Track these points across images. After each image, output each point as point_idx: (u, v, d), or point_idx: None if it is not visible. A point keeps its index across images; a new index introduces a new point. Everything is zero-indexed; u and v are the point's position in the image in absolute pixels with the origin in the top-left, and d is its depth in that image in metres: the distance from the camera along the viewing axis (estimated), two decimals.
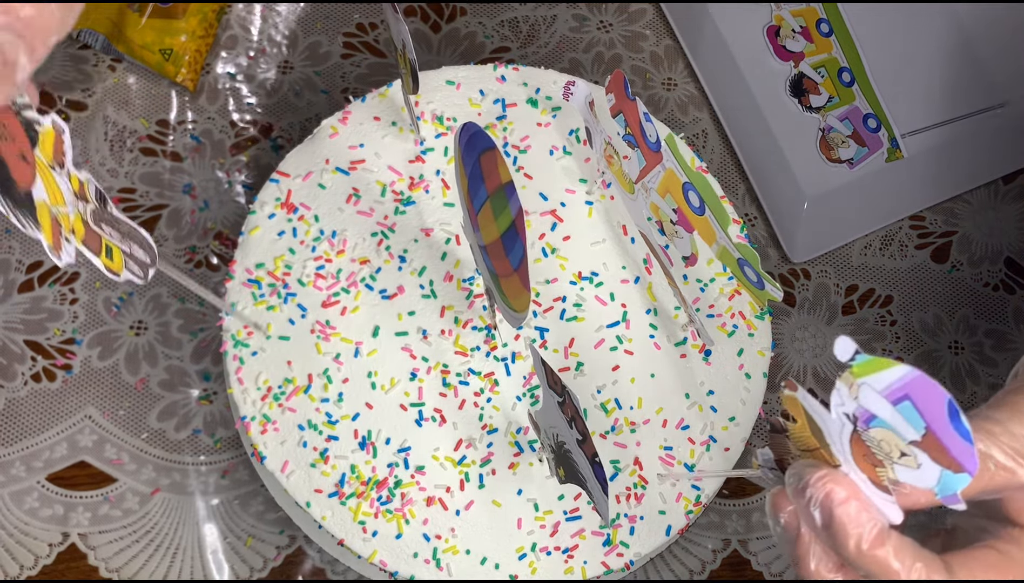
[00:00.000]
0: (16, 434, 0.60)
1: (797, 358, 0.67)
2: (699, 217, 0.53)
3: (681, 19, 0.72)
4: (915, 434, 0.34)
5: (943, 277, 0.69)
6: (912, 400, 0.33)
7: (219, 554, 0.60)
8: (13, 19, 0.36)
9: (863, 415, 0.35)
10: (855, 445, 0.36)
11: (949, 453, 0.34)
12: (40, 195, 0.40)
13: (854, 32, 0.70)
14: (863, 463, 0.36)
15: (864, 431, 0.35)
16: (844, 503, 0.37)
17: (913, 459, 0.35)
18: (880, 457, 0.36)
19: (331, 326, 0.55)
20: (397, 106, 0.60)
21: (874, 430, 0.35)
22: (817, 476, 0.37)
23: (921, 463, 0.35)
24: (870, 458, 0.36)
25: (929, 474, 0.35)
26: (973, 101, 0.70)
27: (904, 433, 0.34)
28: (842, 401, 0.35)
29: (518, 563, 0.53)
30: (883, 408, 0.34)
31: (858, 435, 0.36)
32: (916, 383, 0.33)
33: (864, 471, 0.37)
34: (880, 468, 0.36)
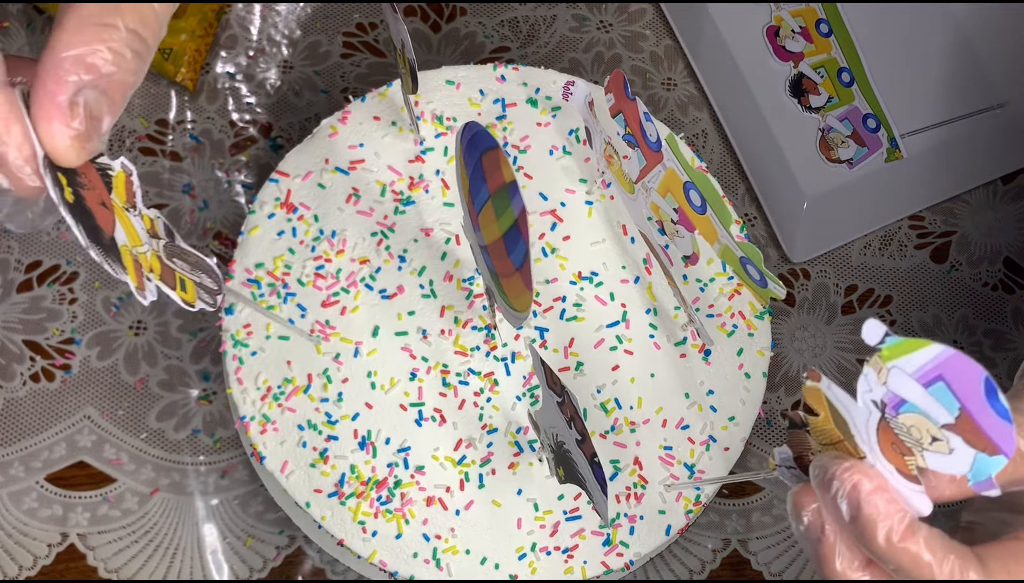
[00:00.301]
0: (15, 434, 0.60)
1: (797, 358, 0.67)
2: (701, 216, 0.53)
3: (681, 19, 0.72)
4: (948, 417, 0.33)
5: (942, 277, 0.69)
6: (946, 380, 0.32)
7: (219, 554, 0.59)
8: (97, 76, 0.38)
9: (892, 401, 0.34)
10: (882, 434, 0.35)
11: (985, 434, 0.32)
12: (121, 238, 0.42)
13: (853, 32, 0.70)
14: (890, 453, 0.35)
15: (893, 418, 0.34)
16: (872, 494, 0.36)
17: (945, 444, 0.33)
18: (909, 444, 0.34)
19: (331, 326, 0.55)
20: (397, 106, 0.60)
21: (904, 416, 0.34)
22: (843, 467, 0.36)
23: (954, 448, 0.33)
24: (898, 447, 0.35)
25: (962, 459, 0.33)
26: (972, 101, 0.70)
27: (937, 416, 0.33)
28: (869, 387, 0.34)
29: (518, 563, 0.53)
30: (914, 391, 0.33)
31: (886, 423, 0.35)
32: (951, 362, 0.32)
33: (892, 461, 0.36)
34: (909, 457, 0.35)
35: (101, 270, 0.63)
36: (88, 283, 0.63)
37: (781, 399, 0.66)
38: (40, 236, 0.63)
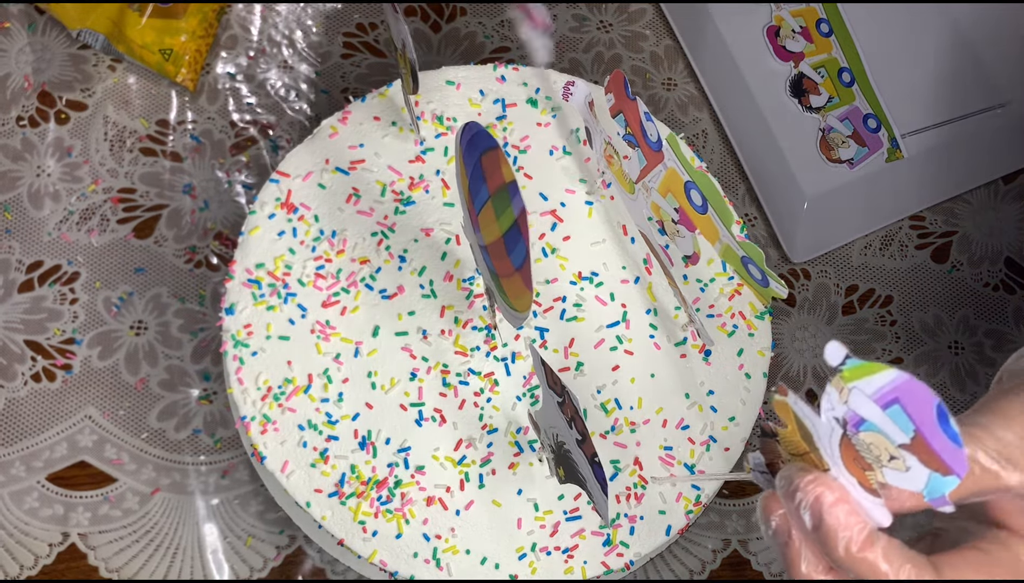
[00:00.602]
0: (16, 434, 0.60)
1: (797, 358, 0.67)
2: (702, 216, 0.53)
3: (681, 19, 0.72)
4: (904, 437, 0.34)
5: (943, 277, 0.69)
6: (902, 403, 0.34)
7: (219, 554, 0.60)
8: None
9: (853, 419, 0.35)
10: (844, 449, 0.37)
11: (938, 456, 0.34)
12: None
13: (854, 32, 0.70)
14: (852, 466, 0.37)
15: (854, 435, 0.36)
16: (833, 506, 0.37)
17: (902, 462, 0.35)
18: (869, 460, 0.36)
19: (331, 326, 0.55)
20: (397, 106, 0.60)
21: (863, 434, 0.35)
22: (807, 480, 0.38)
23: (910, 466, 0.35)
24: (859, 462, 0.37)
25: (918, 477, 0.35)
26: (973, 101, 0.70)
27: (894, 436, 0.35)
28: (832, 405, 0.36)
29: (518, 563, 0.53)
30: (873, 412, 0.34)
31: (848, 439, 0.36)
32: (906, 386, 0.33)
33: (853, 474, 0.37)
34: (869, 472, 0.37)
35: (101, 270, 0.63)
36: (89, 283, 0.63)
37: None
38: (41, 236, 0.64)
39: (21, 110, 0.66)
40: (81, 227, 0.64)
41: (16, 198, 0.64)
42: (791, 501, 0.38)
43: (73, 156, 0.65)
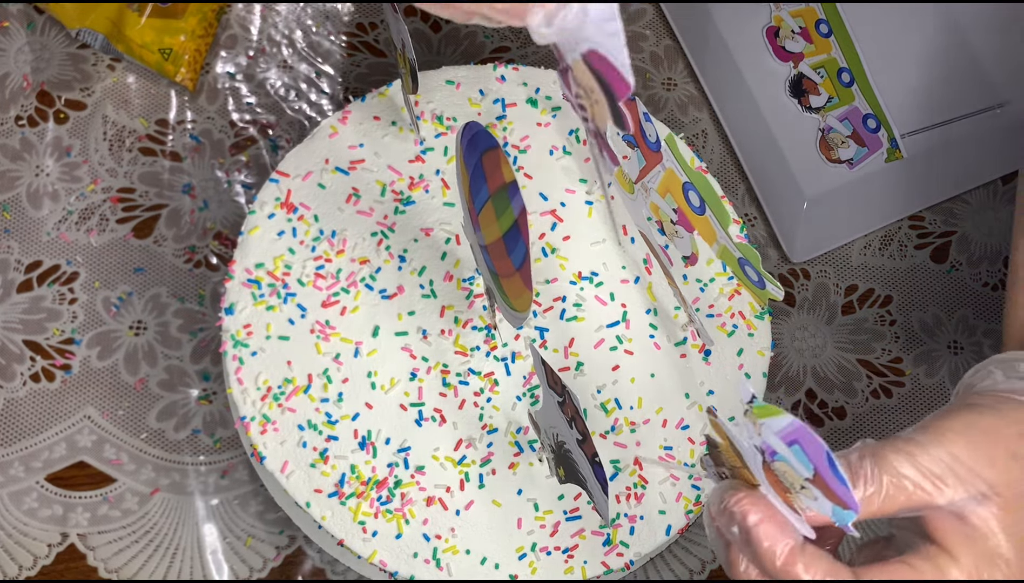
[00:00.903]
0: (15, 434, 0.60)
1: (797, 358, 0.67)
2: (699, 217, 0.53)
3: (681, 19, 0.72)
4: (807, 473, 0.38)
5: (942, 277, 0.69)
6: (801, 445, 0.37)
7: (219, 554, 0.59)
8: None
9: (768, 449, 0.38)
10: (767, 472, 0.40)
11: (835, 494, 0.37)
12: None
13: (853, 33, 0.70)
14: (776, 487, 0.40)
15: (771, 462, 0.39)
16: (759, 524, 0.40)
17: (811, 492, 0.38)
18: (786, 485, 0.39)
19: (331, 326, 0.55)
20: (397, 106, 0.60)
21: (778, 463, 0.38)
22: (735, 498, 0.41)
23: (817, 497, 0.38)
24: (780, 485, 0.39)
25: (825, 506, 0.38)
26: (972, 101, 0.70)
27: (799, 471, 0.38)
28: (750, 435, 0.39)
29: (518, 563, 0.53)
30: (781, 447, 0.38)
31: (767, 465, 0.39)
32: (800, 432, 0.37)
33: (778, 493, 0.40)
34: (789, 494, 0.40)
35: (101, 270, 0.63)
36: (88, 283, 0.63)
37: (781, 399, 0.66)
38: (40, 236, 0.63)
39: (20, 110, 0.66)
40: (80, 227, 0.64)
41: (15, 198, 0.64)
42: (722, 517, 0.41)
43: (72, 156, 0.65)
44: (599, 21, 0.33)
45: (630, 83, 0.34)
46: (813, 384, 0.66)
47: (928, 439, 0.41)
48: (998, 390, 0.45)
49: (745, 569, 0.42)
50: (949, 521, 0.41)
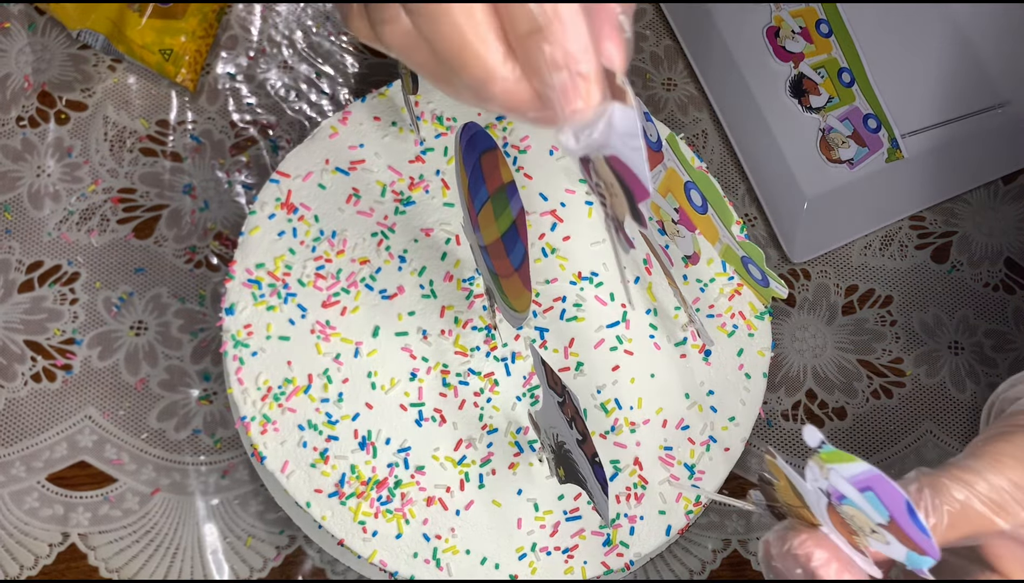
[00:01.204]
0: (16, 434, 0.60)
1: (797, 358, 0.67)
2: (702, 216, 0.53)
3: (681, 19, 0.72)
4: (882, 519, 0.37)
5: (943, 277, 0.69)
6: (875, 493, 0.36)
7: (219, 554, 0.60)
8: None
9: (835, 493, 0.37)
10: (832, 514, 0.39)
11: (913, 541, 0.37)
12: None
13: (854, 32, 0.70)
14: (841, 528, 0.39)
15: (838, 506, 0.38)
16: (826, 565, 0.39)
17: (883, 537, 0.37)
18: (854, 529, 0.38)
19: (331, 326, 0.55)
20: (397, 106, 0.60)
21: (846, 507, 0.37)
22: (800, 540, 0.40)
23: (890, 542, 0.37)
24: (845, 527, 0.39)
25: (898, 551, 0.37)
26: (973, 101, 0.70)
27: (872, 517, 0.37)
28: (816, 478, 0.37)
29: (518, 563, 0.53)
30: (851, 492, 0.37)
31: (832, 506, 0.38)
32: (876, 480, 0.36)
33: (843, 534, 0.39)
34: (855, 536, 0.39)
35: (101, 270, 0.63)
36: (89, 283, 0.63)
37: (781, 399, 0.66)
38: (41, 236, 0.64)
39: (21, 110, 0.66)
40: (81, 227, 0.64)
41: (16, 198, 0.64)
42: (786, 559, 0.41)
43: (73, 156, 0.65)
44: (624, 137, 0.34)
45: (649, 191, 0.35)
46: (813, 384, 0.66)
47: (985, 466, 0.41)
48: None
49: None
50: (1010, 548, 0.41)
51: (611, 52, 0.35)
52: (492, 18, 0.34)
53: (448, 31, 0.34)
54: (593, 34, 0.34)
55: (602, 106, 0.34)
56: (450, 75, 0.35)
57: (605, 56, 0.35)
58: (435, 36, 0.34)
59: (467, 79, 0.35)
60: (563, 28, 0.33)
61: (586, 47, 0.33)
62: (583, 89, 0.34)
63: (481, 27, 0.34)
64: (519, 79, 0.34)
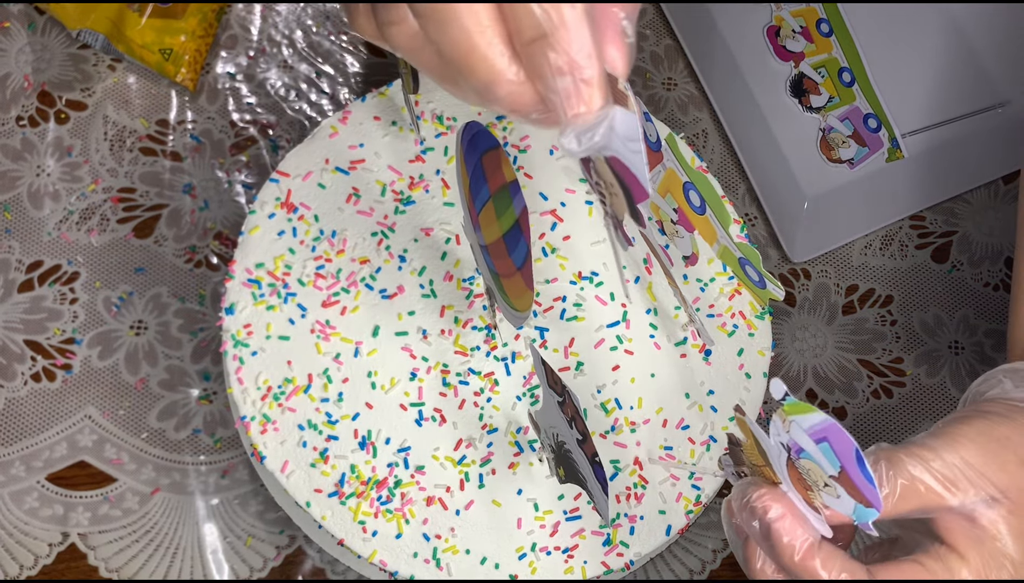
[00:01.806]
0: (16, 434, 0.60)
1: (797, 358, 0.67)
2: (700, 216, 0.53)
3: (681, 19, 0.72)
4: (833, 470, 0.39)
5: (943, 277, 0.69)
6: (829, 442, 0.39)
7: (219, 554, 0.59)
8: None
9: (794, 447, 0.40)
10: (791, 470, 0.41)
11: (860, 491, 0.39)
12: None
13: (854, 32, 0.70)
14: (798, 485, 0.41)
15: (796, 460, 0.40)
16: (780, 519, 0.42)
17: (834, 490, 0.40)
18: (809, 483, 0.41)
19: (331, 326, 0.55)
20: (397, 106, 0.60)
21: (803, 460, 0.40)
22: (758, 494, 0.42)
23: (840, 495, 0.40)
24: (802, 482, 0.41)
25: (847, 504, 0.40)
26: (973, 101, 0.70)
27: (825, 468, 0.39)
28: (778, 432, 0.40)
29: (518, 563, 0.53)
30: (808, 444, 0.39)
31: (792, 462, 0.41)
32: (830, 429, 0.38)
33: (799, 492, 0.41)
34: (810, 492, 0.41)
35: (101, 270, 0.63)
36: (89, 283, 0.63)
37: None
38: (41, 236, 0.64)
39: (21, 110, 0.66)
40: (81, 227, 0.64)
41: (16, 198, 0.64)
42: (744, 512, 0.43)
43: (73, 156, 0.65)
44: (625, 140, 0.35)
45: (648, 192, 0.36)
46: (814, 384, 0.66)
47: (941, 444, 0.43)
48: (1010, 399, 0.46)
49: (761, 566, 0.44)
50: (959, 523, 0.42)
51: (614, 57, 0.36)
52: (498, 23, 0.34)
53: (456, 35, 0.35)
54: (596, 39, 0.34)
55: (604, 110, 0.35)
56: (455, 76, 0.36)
57: (608, 61, 0.35)
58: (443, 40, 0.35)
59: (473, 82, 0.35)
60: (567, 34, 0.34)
61: (589, 53, 0.34)
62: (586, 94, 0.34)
63: (488, 32, 0.34)
64: (523, 82, 0.35)
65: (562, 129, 0.35)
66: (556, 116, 0.35)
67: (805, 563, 0.41)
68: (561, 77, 0.34)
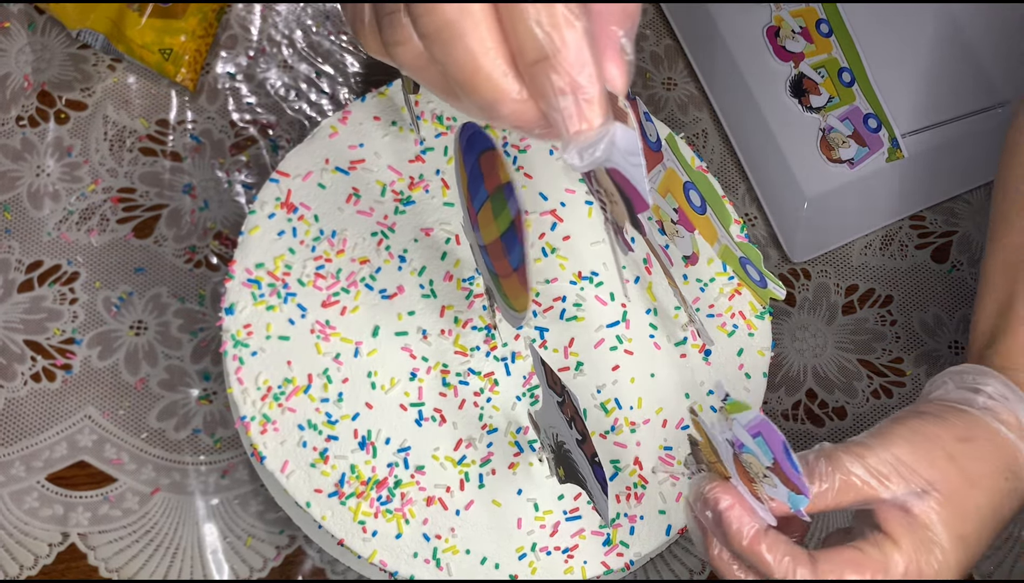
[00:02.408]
0: (16, 434, 0.60)
1: (797, 358, 0.67)
2: (700, 216, 0.53)
3: (681, 19, 0.72)
4: (768, 462, 0.43)
5: (943, 277, 0.69)
6: (763, 436, 0.43)
7: (219, 554, 0.60)
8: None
9: (737, 442, 0.44)
10: (737, 464, 0.45)
11: (790, 480, 0.43)
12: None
13: (854, 32, 0.70)
14: (744, 477, 0.46)
15: (740, 455, 0.45)
16: (729, 509, 0.46)
17: (772, 480, 0.44)
18: (752, 475, 0.45)
19: (331, 326, 0.55)
20: (397, 106, 0.60)
21: (745, 455, 0.44)
22: (710, 487, 0.47)
23: (776, 485, 0.44)
24: (747, 475, 0.45)
25: (782, 493, 0.44)
26: (973, 101, 0.70)
27: (762, 460, 0.43)
28: (723, 430, 0.45)
29: (518, 563, 0.53)
30: (747, 439, 0.43)
31: (737, 457, 0.45)
32: (763, 425, 0.42)
33: (745, 484, 0.46)
34: (753, 483, 0.45)
35: (101, 270, 0.63)
36: (89, 283, 0.63)
37: (781, 399, 0.66)
38: (41, 236, 0.64)
39: (21, 110, 0.66)
40: (81, 227, 0.64)
41: (16, 198, 0.64)
42: (698, 503, 0.47)
43: (73, 156, 0.65)
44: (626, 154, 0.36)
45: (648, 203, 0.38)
46: (813, 384, 0.66)
47: (877, 442, 0.47)
48: (947, 399, 0.51)
49: (718, 552, 0.48)
50: (895, 513, 0.47)
51: (613, 75, 0.37)
52: (501, 44, 0.36)
53: (461, 56, 0.36)
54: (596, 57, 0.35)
55: (605, 127, 0.36)
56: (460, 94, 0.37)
57: (608, 79, 0.37)
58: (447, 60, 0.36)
59: (477, 100, 0.37)
60: (569, 56, 0.35)
61: (590, 74, 0.35)
62: (587, 113, 0.36)
63: (491, 53, 0.35)
64: (526, 101, 0.36)
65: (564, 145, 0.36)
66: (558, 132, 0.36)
67: (752, 548, 0.46)
68: (563, 97, 0.35)
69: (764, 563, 0.46)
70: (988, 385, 0.51)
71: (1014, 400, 0.50)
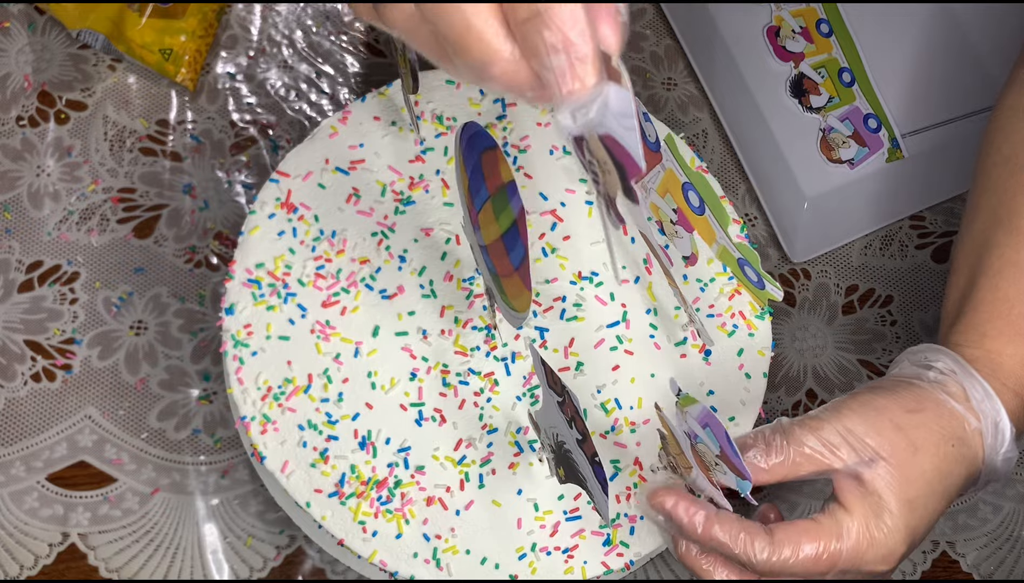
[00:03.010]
0: (16, 434, 0.60)
1: (797, 358, 0.67)
2: (699, 217, 0.53)
3: (681, 19, 0.72)
4: (716, 450, 0.46)
5: (943, 277, 0.69)
6: (710, 427, 0.46)
7: (219, 554, 0.60)
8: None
9: (692, 434, 0.48)
10: (695, 455, 0.48)
11: (735, 466, 0.46)
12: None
13: (854, 32, 0.70)
14: (702, 466, 0.49)
15: (696, 445, 0.48)
16: (675, 506, 0.49)
17: (722, 467, 0.47)
18: (706, 463, 0.48)
19: (331, 326, 0.55)
20: (397, 106, 0.60)
21: (699, 445, 0.48)
22: (652, 493, 0.50)
23: (726, 472, 0.47)
24: (704, 465, 0.48)
25: (731, 479, 0.47)
26: (973, 101, 0.70)
27: (712, 449, 0.47)
28: (681, 423, 0.48)
29: (518, 563, 0.53)
30: (698, 429, 0.47)
31: (694, 448, 0.48)
32: (708, 416, 0.46)
33: (704, 473, 0.49)
34: (710, 472, 0.48)
35: (101, 270, 0.63)
36: (89, 283, 0.63)
37: (782, 399, 0.66)
38: (41, 236, 0.64)
39: (21, 110, 0.66)
40: (81, 227, 0.64)
41: (16, 198, 0.64)
42: (651, 511, 0.51)
43: (73, 156, 0.65)
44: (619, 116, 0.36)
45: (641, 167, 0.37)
46: (814, 384, 0.66)
47: (829, 415, 0.50)
48: (900, 375, 0.53)
49: (685, 549, 0.51)
50: (849, 483, 0.49)
51: (607, 34, 0.36)
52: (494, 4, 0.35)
53: (452, 15, 0.35)
54: (589, 17, 0.35)
55: (598, 87, 0.35)
56: (451, 55, 0.37)
57: (601, 38, 0.36)
58: (439, 19, 0.36)
59: (469, 61, 0.36)
60: (561, 13, 0.35)
61: (583, 31, 0.35)
62: (580, 71, 0.35)
63: (483, 11, 0.35)
64: (519, 61, 0.36)
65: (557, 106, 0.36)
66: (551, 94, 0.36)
67: (708, 532, 0.48)
68: (555, 55, 0.35)
69: (722, 545, 0.48)
70: (939, 361, 0.53)
71: (962, 373, 0.52)
